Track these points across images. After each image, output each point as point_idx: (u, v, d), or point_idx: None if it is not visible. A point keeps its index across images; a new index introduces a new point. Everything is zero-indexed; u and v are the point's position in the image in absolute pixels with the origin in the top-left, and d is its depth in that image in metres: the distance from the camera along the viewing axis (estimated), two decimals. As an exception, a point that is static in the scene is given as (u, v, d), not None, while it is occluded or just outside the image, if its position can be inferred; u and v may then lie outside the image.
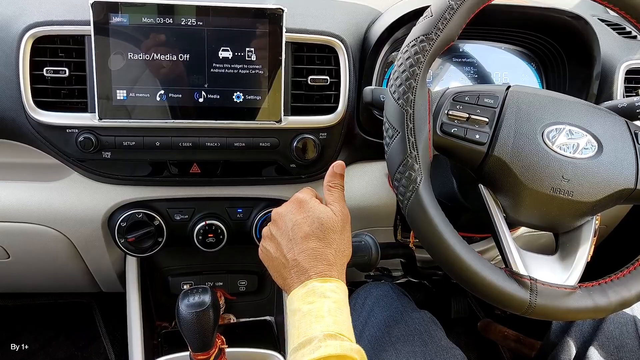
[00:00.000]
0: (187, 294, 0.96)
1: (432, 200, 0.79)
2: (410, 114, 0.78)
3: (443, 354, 1.03)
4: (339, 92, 1.04)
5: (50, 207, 1.09)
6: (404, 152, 0.78)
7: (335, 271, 0.80)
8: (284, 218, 0.85)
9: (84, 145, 0.97)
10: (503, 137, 0.81)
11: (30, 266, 1.28)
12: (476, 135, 0.81)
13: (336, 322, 0.74)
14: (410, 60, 0.79)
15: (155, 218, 1.11)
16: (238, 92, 0.99)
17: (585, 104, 0.87)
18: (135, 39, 0.94)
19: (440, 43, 0.79)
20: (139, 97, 0.96)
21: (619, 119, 0.87)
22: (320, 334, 0.72)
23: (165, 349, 1.28)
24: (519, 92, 0.85)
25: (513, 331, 1.69)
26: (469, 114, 0.82)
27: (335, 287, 0.78)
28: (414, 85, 0.79)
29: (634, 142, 0.84)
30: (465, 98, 0.83)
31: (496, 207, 0.83)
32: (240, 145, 1.03)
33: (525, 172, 0.80)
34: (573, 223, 0.84)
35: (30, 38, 0.94)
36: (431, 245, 0.79)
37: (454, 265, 0.78)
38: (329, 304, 0.76)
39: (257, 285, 1.35)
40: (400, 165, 0.78)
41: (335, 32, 1.03)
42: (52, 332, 1.75)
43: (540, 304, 0.78)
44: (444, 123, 0.82)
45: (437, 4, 0.80)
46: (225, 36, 0.96)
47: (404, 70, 0.79)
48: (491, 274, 0.78)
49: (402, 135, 0.78)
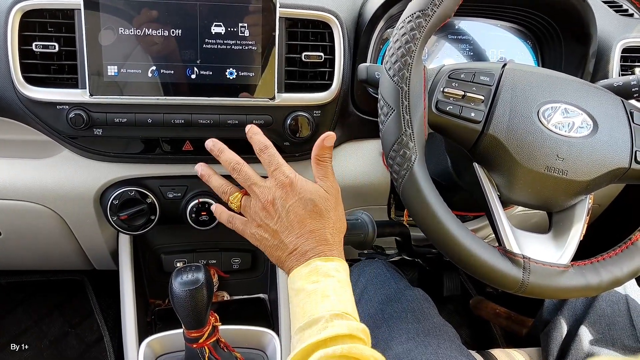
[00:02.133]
0: (181, 272, 0.96)
1: (426, 179, 0.78)
2: (405, 91, 0.77)
3: (436, 331, 1.04)
4: (333, 69, 1.03)
5: (41, 185, 1.08)
6: (399, 129, 0.77)
7: (335, 250, 0.80)
8: (274, 204, 0.82)
9: (74, 122, 0.96)
10: (498, 115, 0.80)
11: (23, 244, 1.28)
12: (471, 113, 0.81)
13: (341, 301, 0.74)
14: (406, 37, 0.78)
15: (147, 196, 1.10)
16: (231, 69, 0.98)
17: (581, 82, 0.87)
18: (127, 14, 0.92)
19: (436, 19, 0.78)
20: (131, 73, 0.95)
21: (615, 97, 0.86)
22: (327, 313, 0.72)
23: (158, 326, 1.28)
24: (515, 70, 0.84)
25: (505, 309, 1.71)
26: (464, 91, 0.81)
27: (339, 266, 0.78)
28: (410, 62, 0.78)
29: (629, 121, 0.84)
30: (461, 76, 0.83)
31: (490, 185, 0.83)
32: (233, 122, 1.02)
33: (520, 151, 0.79)
34: (567, 202, 0.84)
35: (18, 12, 0.92)
36: (425, 223, 0.79)
37: (447, 243, 0.78)
38: (334, 282, 0.76)
39: (250, 263, 1.35)
40: (395, 143, 0.78)
41: (330, 7, 1.02)
42: (45, 309, 1.75)
43: (532, 282, 0.78)
44: (439, 101, 0.81)
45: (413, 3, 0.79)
46: (218, 11, 0.94)
47: (400, 46, 0.78)
48: (484, 252, 0.78)
49: (397, 113, 0.77)
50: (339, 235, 0.83)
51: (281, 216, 0.82)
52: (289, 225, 0.81)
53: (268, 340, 1.18)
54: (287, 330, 1.23)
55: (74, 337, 1.70)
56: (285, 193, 0.82)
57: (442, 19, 0.79)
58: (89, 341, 1.70)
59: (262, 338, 1.18)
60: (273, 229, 0.82)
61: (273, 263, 0.85)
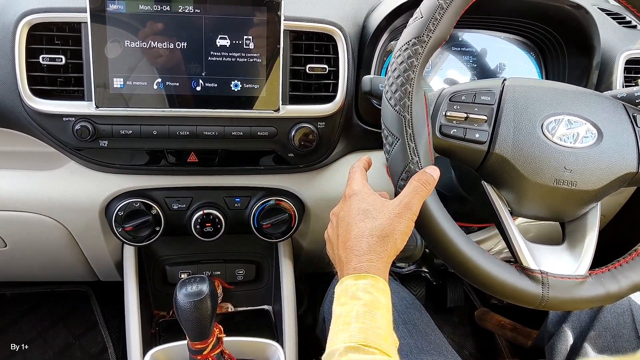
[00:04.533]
0: (185, 283, 0.96)
1: (438, 206, 0.78)
2: (408, 119, 0.77)
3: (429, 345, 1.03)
4: (337, 81, 1.03)
5: (47, 196, 1.09)
6: (405, 159, 0.77)
7: (368, 263, 0.71)
8: (336, 214, 0.81)
9: (80, 134, 0.97)
10: (503, 134, 0.80)
11: (28, 255, 1.28)
12: (476, 134, 0.80)
13: (363, 329, 0.66)
14: (404, 65, 0.78)
15: (152, 207, 1.11)
16: (236, 81, 0.98)
17: (581, 91, 0.87)
18: (132, 27, 0.93)
19: (432, 44, 0.79)
20: (136, 85, 0.96)
21: (616, 102, 0.87)
22: (342, 345, 0.65)
23: (162, 337, 1.28)
24: (515, 86, 0.84)
25: (510, 320, 1.70)
26: (466, 113, 0.81)
27: (369, 284, 0.70)
28: (410, 91, 0.78)
29: (633, 125, 0.84)
30: (462, 97, 0.83)
31: (501, 202, 0.83)
32: (238, 134, 1.02)
33: (528, 167, 0.79)
34: (578, 211, 0.84)
35: (26, 25, 0.93)
36: (441, 249, 0.79)
37: (466, 267, 0.78)
38: (358, 307, 0.68)
39: (254, 274, 1.35)
40: (402, 172, 0.78)
41: (334, 20, 1.02)
42: (49, 320, 1.75)
43: (552, 297, 0.78)
44: (443, 125, 0.81)
45: (426, 4, 0.79)
46: (223, 24, 0.95)
47: (399, 75, 0.78)
48: (502, 273, 0.78)
49: (402, 142, 0.77)
50: (382, 244, 0.73)
51: (334, 228, 0.80)
52: (338, 236, 0.78)
53: (272, 352, 1.17)
54: (291, 342, 1.23)
55: (78, 349, 1.70)
56: (343, 204, 0.80)
57: (438, 44, 0.79)
58: (93, 352, 1.69)
59: (266, 350, 1.18)
60: (330, 239, 0.81)
61: None
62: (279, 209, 1.14)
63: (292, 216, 1.15)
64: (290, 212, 1.15)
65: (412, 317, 1.09)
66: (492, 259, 0.79)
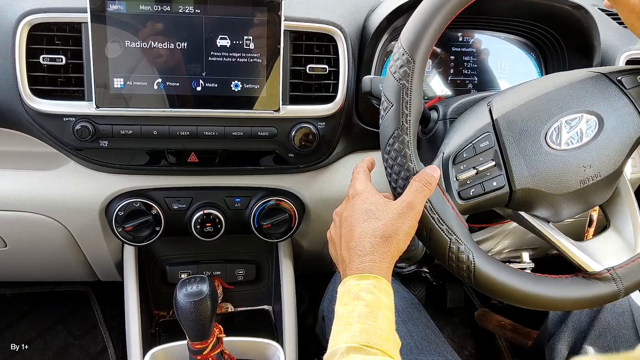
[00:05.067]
0: (185, 283, 0.96)
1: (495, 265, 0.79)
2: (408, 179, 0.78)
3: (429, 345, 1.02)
4: (337, 81, 1.04)
5: (47, 196, 1.09)
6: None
7: (371, 263, 0.71)
8: (339, 214, 0.81)
9: (81, 134, 0.97)
10: (516, 169, 0.80)
11: (28, 255, 1.28)
12: (493, 182, 0.80)
13: (365, 330, 0.66)
14: (399, 159, 0.78)
15: (152, 207, 1.11)
16: (236, 81, 0.98)
17: (561, 84, 0.86)
18: (133, 27, 0.93)
19: (413, 123, 0.78)
20: (137, 85, 0.96)
21: (597, 77, 0.86)
22: (343, 346, 0.65)
23: (162, 337, 1.28)
24: (504, 113, 0.83)
25: (510, 321, 1.70)
26: (475, 168, 0.80)
27: (372, 285, 0.70)
28: (412, 167, 0.78)
29: (622, 91, 0.84)
30: (463, 155, 0.81)
31: (539, 222, 0.83)
32: (238, 134, 1.02)
33: (551, 185, 0.80)
34: (610, 192, 0.86)
35: (26, 25, 0.93)
36: (510, 299, 0.80)
37: (535, 303, 0.79)
38: (361, 307, 0.68)
39: (254, 274, 1.35)
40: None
41: (334, 20, 1.03)
42: (49, 320, 1.75)
43: (628, 285, 0.80)
44: (460, 190, 0.80)
45: (390, 90, 0.79)
46: (224, 24, 0.95)
47: (396, 156, 0.78)
48: (573, 290, 0.80)
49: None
50: (385, 245, 0.72)
51: (337, 228, 0.79)
52: (340, 236, 0.78)
53: (272, 352, 1.17)
54: (291, 342, 1.23)
55: (78, 349, 1.70)
56: (346, 204, 0.80)
57: (418, 116, 0.80)
58: (93, 352, 1.69)
59: (266, 350, 1.18)
60: (333, 239, 0.81)
61: None
62: (279, 209, 1.14)
63: (292, 216, 1.15)
64: (290, 212, 1.15)
65: (412, 317, 1.09)
66: (553, 282, 0.80)
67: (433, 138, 0.96)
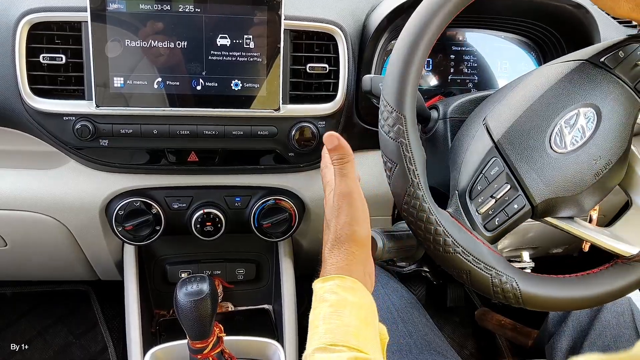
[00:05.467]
0: (185, 283, 0.96)
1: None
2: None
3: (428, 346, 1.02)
4: (337, 80, 1.04)
5: (47, 195, 1.09)
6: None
7: (331, 266, 0.72)
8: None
9: (81, 133, 0.97)
10: (531, 184, 0.80)
11: (28, 254, 1.28)
12: (514, 205, 0.80)
13: (329, 330, 0.66)
14: (418, 213, 0.77)
15: (152, 206, 1.11)
16: (236, 80, 0.98)
17: (548, 83, 0.85)
18: (133, 26, 0.93)
19: (421, 173, 0.78)
20: (137, 84, 0.96)
21: (581, 66, 0.85)
22: (310, 349, 0.65)
23: (163, 337, 1.28)
24: (501, 129, 0.82)
25: (510, 320, 1.70)
26: (492, 197, 0.80)
27: (336, 285, 0.69)
28: (434, 219, 0.77)
29: (609, 72, 0.83)
30: (478, 188, 0.81)
31: (565, 222, 0.83)
32: (238, 133, 1.02)
33: (569, 188, 0.80)
34: (624, 171, 0.86)
35: (26, 24, 0.93)
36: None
37: (584, 304, 0.81)
38: (325, 309, 0.68)
39: (255, 273, 1.35)
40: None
41: (335, 19, 1.03)
42: (49, 319, 1.75)
43: None
44: (486, 223, 0.80)
45: (389, 151, 0.78)
46: (224, 23, 0.95)
47: (416, 213, 0.77)
48: (615, 281, 0.80)
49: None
50: (339, 247, 0.73)
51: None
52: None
53: (272, 351, 1.17)
54: (292, 341, 1.23)
55: (79, 348, 1.70)
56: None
57: (424, 166, 0.79)
58: (93, 352, 1.69)
59: (266, 349, 1.18)
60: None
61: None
62: (279, 208, 1.14)
63: (292, 215, 1.15)
64: (290, 212, 1.15)
65: (412, 317, 1.09)
66: (599, 277, 0.81)
67: (433, 137, 0.96)
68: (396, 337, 1.03)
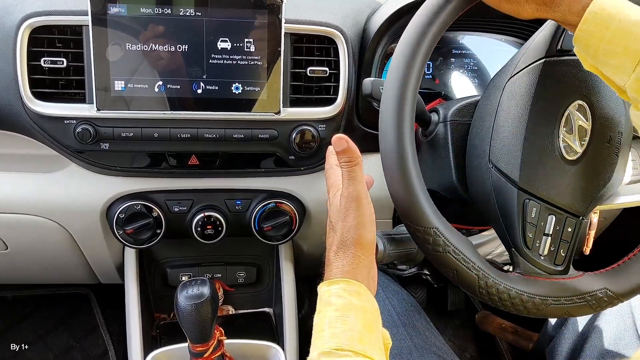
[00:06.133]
0: (186, 286, 0.96)
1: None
2: None
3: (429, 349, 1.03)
4: (338, 83, 1.04)
5: (48, 199, 1.09)
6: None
7: (337, 269, 0.71)
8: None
9: (82, 137, 0.97)
10: (570, 204, 0.81)
11: (29, 257, 1.28)
12: (568, 229, 0.81)
13: (335, 334, 0.65)
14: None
15: (153, 209, 1.11)
16: (237, 84, 0.98)
17: (525, 100, 0.82)
18: (134, 30, 0.93)
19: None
20: (137, 88, 0.96)
21: (546, 64, 0.82)
22: (315, 353, 0.65)
23: (163, 340, 1.28)
24: (514, 169, 0.81)
25: (511, 323, 1.70)
26: (546, 234, 0.81)
27: (341, 288, 0.68)
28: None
29: (572, 56, 0.81)
30: (529, 236, 0.80)
31: (618, 198, 0.86)
32: (239, 136, 1.03)
33: (602, 179, 0.82)
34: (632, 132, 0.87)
35: (27, 28, 0.93)
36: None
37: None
38: (330, 313, 0.67)
39: (255, 277, 1.35)
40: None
41: (335, 23, 1.03)
42: (50, 323, 1.75)
43: None
44: (555, 260, 0.81)
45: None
46: (224, 27, 0.95)
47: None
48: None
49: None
50: (345, 250, 0.72)
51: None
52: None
53: (273, 355, 1.17)
54: (292, 345, 1.23)
55: (79, 351, 1.70)
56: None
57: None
58: (93, 355, 1.69)
59: (267, 352, 1.18)
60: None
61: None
62: (279, 211, 1.14)
63: (292, 218, 1.15)
64: (291, 215, 1.15)
65: (412, 320, 1.09)
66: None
67: (434, 140, 0.96)
68: (397, 341, 1.03)
